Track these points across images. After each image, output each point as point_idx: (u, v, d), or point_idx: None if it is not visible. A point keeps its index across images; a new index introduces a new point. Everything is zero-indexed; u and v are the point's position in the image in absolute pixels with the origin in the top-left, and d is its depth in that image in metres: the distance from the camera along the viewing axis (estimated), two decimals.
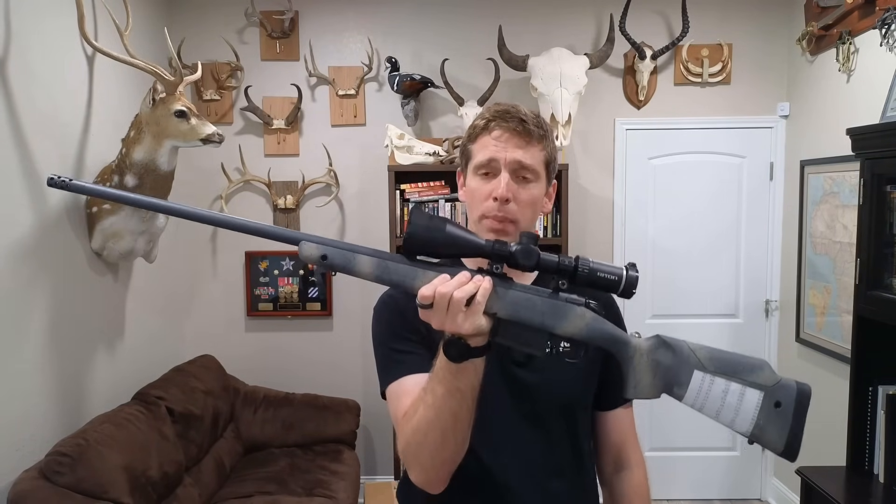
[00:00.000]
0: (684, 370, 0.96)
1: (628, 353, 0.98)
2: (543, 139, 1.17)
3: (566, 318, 0.96)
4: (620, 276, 0.95)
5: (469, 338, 0.94)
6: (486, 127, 1.17)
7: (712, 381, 0.95)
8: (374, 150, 3.55)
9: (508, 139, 1.15)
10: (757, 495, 3.73)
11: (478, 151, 1.17)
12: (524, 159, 1.14)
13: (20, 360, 2.22)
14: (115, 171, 2.55)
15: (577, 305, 0.97)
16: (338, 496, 2.83)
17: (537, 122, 1.17)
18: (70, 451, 2.12)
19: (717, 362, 0.96)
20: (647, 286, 3.66)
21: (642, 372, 0.97)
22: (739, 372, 0.95)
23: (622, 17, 3.40)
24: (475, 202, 1.17)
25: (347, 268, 0.97)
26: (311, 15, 3.57)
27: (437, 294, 0.91)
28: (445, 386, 0.98)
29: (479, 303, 0.92)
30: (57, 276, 2.42)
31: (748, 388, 0.94)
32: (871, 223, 2.27)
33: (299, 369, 3.67)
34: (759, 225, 3.65)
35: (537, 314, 0.95)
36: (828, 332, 3.16)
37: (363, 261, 0.97)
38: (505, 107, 1.18)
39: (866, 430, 2.36)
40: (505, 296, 0.95)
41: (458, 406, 0.99)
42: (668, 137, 3.64)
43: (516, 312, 0.95)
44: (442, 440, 1.03)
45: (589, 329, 0.96)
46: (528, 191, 1.15)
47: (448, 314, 0.92)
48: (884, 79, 2.56)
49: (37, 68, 2.33)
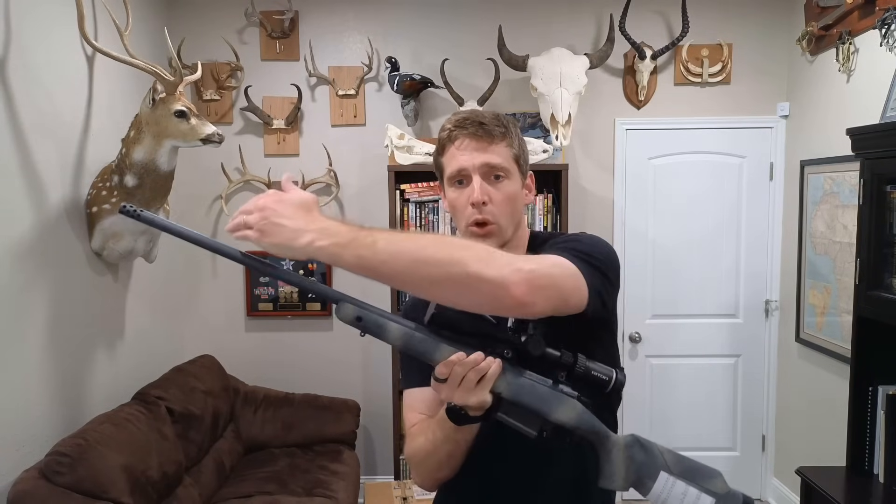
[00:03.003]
0: (653, 469, 1.06)
1: (608, 446, 1.07)
2: (506, 136, 1.22)
3: (561, 407, 1.05)
4: (611, 378, 1.06)
5: (471, 409, 1.04)
6: (449, 138, 1.22)
7: (674, 483, 1.05)
8: (374, 150, 3.55)
9: (471, 144, 1.20)
10: (757, 495, 3.72)
11: (447, 163, 1.23)
12: (491, 160, 1.19)
13: (20, 360, 2.22)
14: (115, 171, 2.55)
15: (571, 398, 1.06)
16: (338, 496, 2.83)
17: (497, 122, 1.22)
18: (70, 451, 2.12)
19: (680, 466, 1.06)
20: (647, 286, 3.65)
21: (617, 465, 1.07)
22: (698, 478, 1.06)
23: (622, 17, 3.40)
24: (458, 212, 1.23)
25: (378, 333, 1.05)
26: (311, 15, 3.57)
27: (454, 372, 1.01)
28: (444, 434, 1.12)
29: (487, 382, 1.02)
30: (57, 276, 2.42)
31: (703, 493, 1.05)
32: (871, 223, 2.27)
33: (299, 369, 3.66)
34: (759, 225, 3.65)
35: (536, 399, 1.05)
36: (828, 332, 3.16)
37: (393, 329, 1.04)
38: (464, 114, 1.23)
39: (866, 430, 2.36)
40: (511, 379, 1.04)
41: (453, 449, 1.14)
42: (668, 137, 3.64)
43: (519, 395, 1.05)
44: (437, 468, 1.18)
45: (579, 420, 1.06)
46: (502, 189, 1.21)
47: (459, 390, 1.01)
48: (884, 79, 2.56)
49: (37, 68, 2.33)
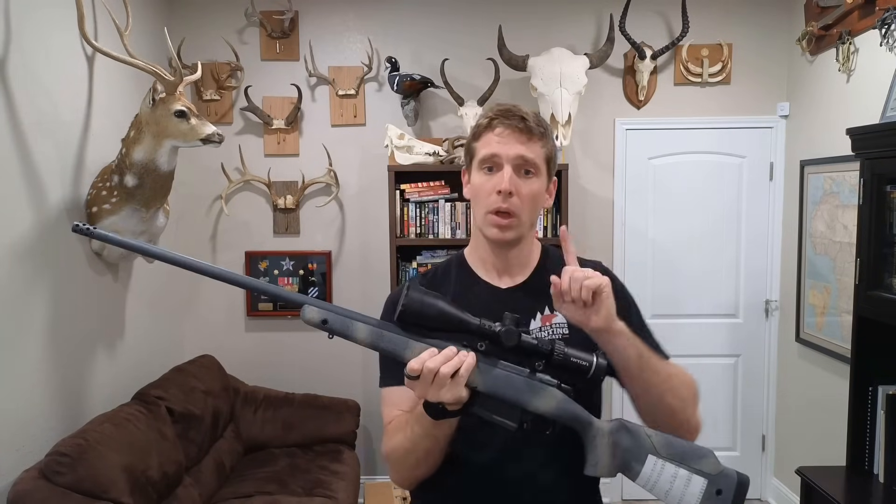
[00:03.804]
0: (640, 453, 1.04)
1: (591, 433, 1.06)
2: (544, 137, 1.24)
3: (539, 397, 1.04)
4: (591, 363, 1.04)
5: (448, 405, 1.02)
6: (490, 125, 1.23)
7: (663, 466, 1.04)
8: (374, 150, 3.55)
9: (510, 135, 1.21)
10: (757, 495, 3.73)
11: (481, 148, 1.24)
12: (526, 153, 1.21)
13: (20, 360, 2.22)
14: (114, 171, 2.55)
15: (549, 386, 1.05)
16: (338, 496, 2.83)
17: (538, 121, 1.24)
18: (70, 451, 2.11)
19: (668, 448, 1.05)
20: (647, 286, 3.66)
21: (602, 452, 1.05)
22: (688, 459, 1.04)
23: (622, 17, 3.40)
24: (480, 197, 1.24)
25: (346, 333, 1.05)
26: (311, 15, 3.57)
27: (425, 368, 0.99)
28: (423, 430, 1.09)
29: (461, 377, 1.00)
30: (57, 276, 2.42)
31: (694, 474, 1.03)
32: (871, 223, 2.27)
33: (299, 369, 3.66)
34: (759, 225, 3.65)
35: (513, 391, 1.03)
36: (828, 332, 3.16)
37: (360, 328, 1.05)
38: (507, 106, 1.25)
39: (866, 430, 2.36)
40: (486, 372, 1.03)
41: (431, 446, 1.12)
42: (668, 137, 3.64)
43: (495, 388, 1.03)
44: (415, 465, 1.16)
45: (559, 408, 1.04)
46: (529, 185, 1.22)
47: (432, 386, 0.99)
48: (884, 79, 2.56)
49: (37, 68, 2.33)
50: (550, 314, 1.24)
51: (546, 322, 1.24)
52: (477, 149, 1.25)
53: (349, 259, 3.68)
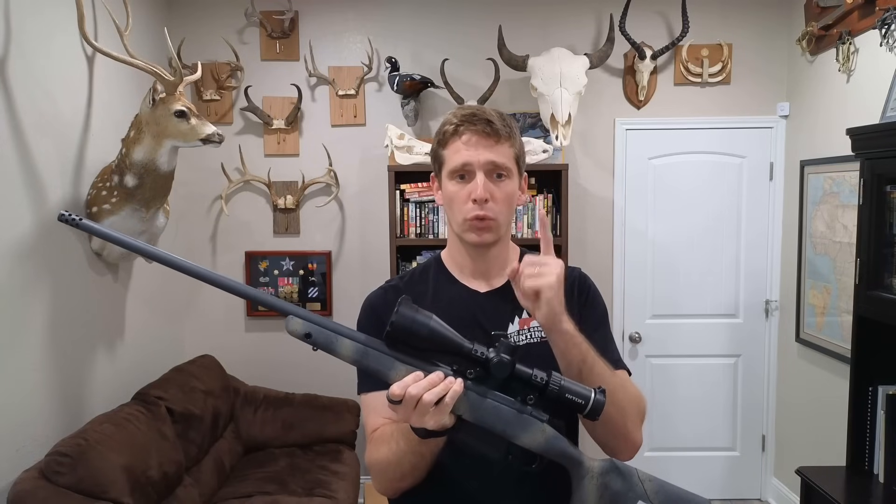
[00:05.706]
0: (630, 498, 0.99)
1: (580, 472, 1.01)
2: (511, 136, 1.22)
3: (527, 432, 0.99)
4: (588, 399, 0.98)
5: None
6: (456, 132, 1.21)
7: None
8: (374, 150, 3.56)
9: (478, 141, 1.19)
10: (757, 495, 3.73)
11: (450, 156, 1.22)
12: (496, 158, 1.19)
13: (20, 360, 2.23)
14: (114, 171, 2.55)
15: (540, 421, 1.00)
16: (338, 496, 2.83)
17: (503, 121, 1.22)
18: (70, 451, 2.12)
19: (662, 495, 0.99)
20: (646, 286, 3.65)
21: (589, 493, 1.00)
22: None
23: (622, 17, 3.40)
24: (455, 206, 1.23)
25: (330, 348, 1.01)
26: (311, 15, 3.57)
27: (407, 394, 0.94)
28: (409, 446, 1.06)
29: (446, 405, 0.95)
30: (57, 276, 2.42)
31: None
32: (871, 223, 2.27)
33: (299, 369, 3.66)
34: (759, 225, 3.65)
35: (501, 423, 0.99)
36: (828, 332, 3.16)
37: (345, 345, 1.00)
38: (471, 110, 1.23)
39: (866, 430, 2.36)
40: (473, 400, 0.98)
41: (417, 461, 1.09)
42: (668, 137, 3.64)
43: (482, 418, 0.98)
44: (400, 478, 1.13)
45: (547, 445, 1.00)
46: (503, 188, 1.21)
47: (415, 412, 0.95)
48: (884, 79, 2.56)
49: (37, 68, 2.33)
50: (528, 318, 1.23)
51: (524, 326, 1.24)
52: (446, 157, 1.23)
53: (349, 259, 3.68)
